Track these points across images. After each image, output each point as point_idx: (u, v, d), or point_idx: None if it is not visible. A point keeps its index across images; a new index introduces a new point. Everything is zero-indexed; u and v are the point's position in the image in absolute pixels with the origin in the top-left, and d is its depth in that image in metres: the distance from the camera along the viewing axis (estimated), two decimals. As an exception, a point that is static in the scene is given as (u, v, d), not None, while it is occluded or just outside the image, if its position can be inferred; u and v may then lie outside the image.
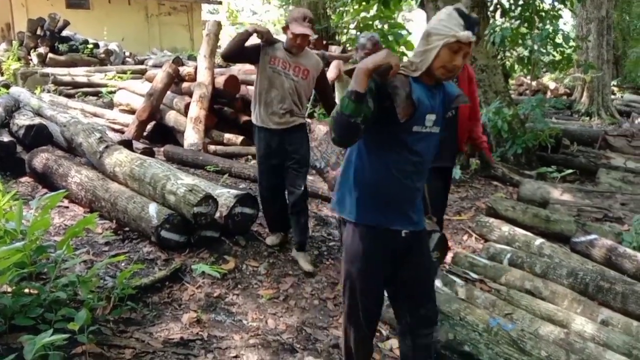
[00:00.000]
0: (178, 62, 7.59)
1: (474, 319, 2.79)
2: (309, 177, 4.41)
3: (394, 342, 2.91)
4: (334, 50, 9.85)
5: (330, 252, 3.98)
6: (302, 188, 3.56)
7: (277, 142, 3.50)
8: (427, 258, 2.23)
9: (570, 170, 6.41)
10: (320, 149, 3.79)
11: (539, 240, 3.94)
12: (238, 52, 3.35)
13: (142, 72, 9.64)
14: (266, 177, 3.67)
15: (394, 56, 1.81)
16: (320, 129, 4.27)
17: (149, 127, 6.94)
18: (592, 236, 3.84)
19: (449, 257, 3.69)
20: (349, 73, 2.09)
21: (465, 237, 4.48)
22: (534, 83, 13.83)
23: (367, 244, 2.04)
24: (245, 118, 6.91)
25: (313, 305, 3.23)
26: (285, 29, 3.40)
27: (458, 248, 4.20)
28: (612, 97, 14.00)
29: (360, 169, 2.02)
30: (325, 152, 3.70)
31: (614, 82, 16.14)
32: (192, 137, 6.18)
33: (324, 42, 11.28)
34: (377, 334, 2.99)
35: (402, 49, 8.34)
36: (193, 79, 6.88)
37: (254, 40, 3.43)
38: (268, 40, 3.39)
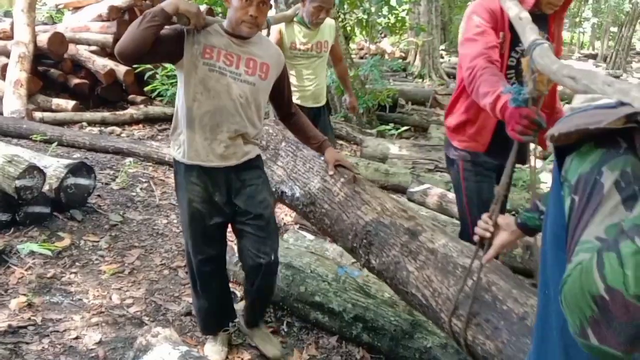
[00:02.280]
0: (-12, 17, 6.60)
1: (324, 270, 2.88)
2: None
3: (248, 302, 2.91)
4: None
5: (178, 218, 3.83)
6: (274, 258, 2.24)
7: (223, 187, 2.16)
8: None
9: (405, 127, 7.02)
10: (283, 166, 2.41)
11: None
12: (148, 48, 1.87)
13: (-57, 30, 8.21)
14: (201, 245, 2.23)
15: None
16: (269, 133, 2.57)
17: (-44, 93, 5.99)
18: (426, 186, 4.20)
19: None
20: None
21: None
22: (372, 46, 14.63)
23: None
24: (76, 81, 6.29)
25: (163, 275, 3.10)
26: None
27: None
28: (441, 60, 15.43)
29: None
30: (294, 171, 2.36)
31: (442, 47, 17.73)
32: (12, 103, 5.47)
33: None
34: (232, 295, 2.97)
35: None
36: (9, 36, 6.06)
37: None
38: (198, 26, 1.99)
